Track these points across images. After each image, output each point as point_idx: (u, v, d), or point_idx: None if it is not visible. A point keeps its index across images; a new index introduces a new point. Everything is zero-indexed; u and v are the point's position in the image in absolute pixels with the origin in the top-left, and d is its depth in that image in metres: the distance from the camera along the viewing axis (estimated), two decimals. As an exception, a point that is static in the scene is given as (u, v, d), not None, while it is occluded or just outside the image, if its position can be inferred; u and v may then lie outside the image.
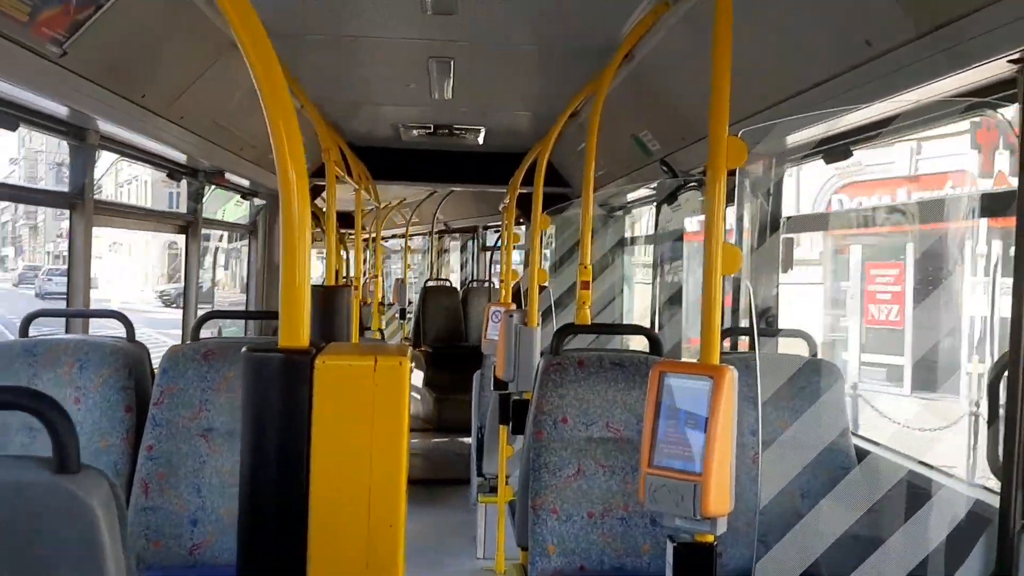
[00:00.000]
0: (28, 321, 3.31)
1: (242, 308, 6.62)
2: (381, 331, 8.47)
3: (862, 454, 3.21)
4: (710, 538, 1.99)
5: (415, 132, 6.42)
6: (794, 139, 3.38)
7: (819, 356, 3.43)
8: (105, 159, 4.24)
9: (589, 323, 3.68)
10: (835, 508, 2.87)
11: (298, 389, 1.33)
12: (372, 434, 1.34)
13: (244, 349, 1.36)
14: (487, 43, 3.95)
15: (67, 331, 3.75)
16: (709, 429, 1.92)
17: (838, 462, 3.15)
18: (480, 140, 6.59)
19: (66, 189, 3.83)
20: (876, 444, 3.30)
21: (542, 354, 3.43)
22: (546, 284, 4.67)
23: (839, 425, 3.16)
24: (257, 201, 6.44)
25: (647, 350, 3.47)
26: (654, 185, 5.46)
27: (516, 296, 6.46)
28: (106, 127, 3.72)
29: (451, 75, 4.55)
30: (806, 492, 3.12)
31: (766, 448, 3.04)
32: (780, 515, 3.02)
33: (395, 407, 1.35)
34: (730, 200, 3.94)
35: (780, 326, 4.08)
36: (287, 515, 1.33)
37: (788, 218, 4.01)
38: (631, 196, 6.32)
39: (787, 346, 3.65)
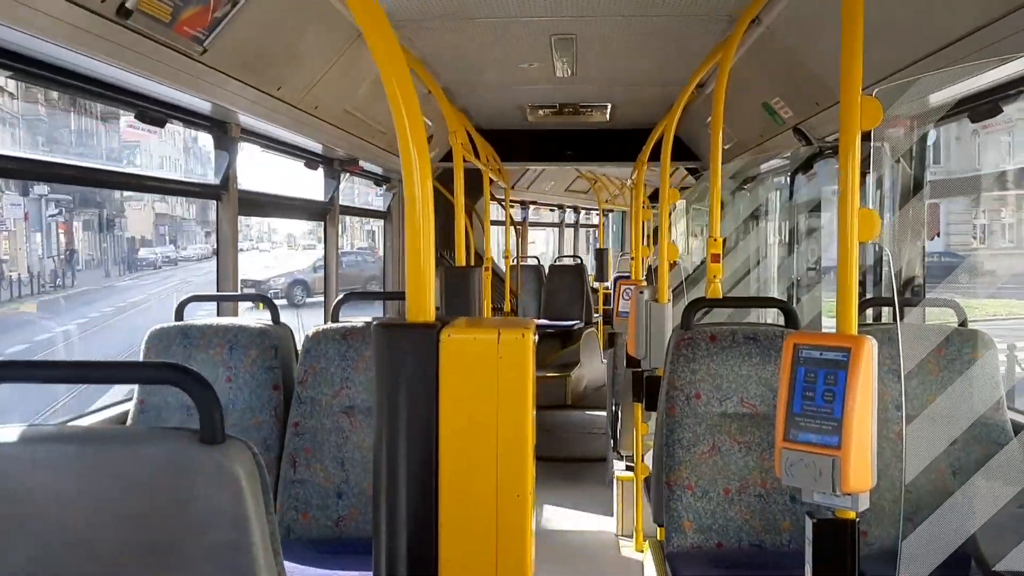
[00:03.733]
0: (183, 305, 3.51)
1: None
2: (513, 310, 8.56)
3: (1019, 428, 3.02)
4: (851, 515, 1.92)
5: (541, 112, 6.42)
6: (937, 98, 3.18)
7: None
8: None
9: (720, 296, 3.60)
10: (989, 485, 2.71)
11: (425, 362, 1.36)
12: (498, 405, 1.36)
13: (374, 323, 1.41)
14: (608, 17, 3.90)
15: (218, 314, 3.97)
16: (847, 402, 1.85)
17: (992, 437, 2.97)
18: (607, 116, 6.53)
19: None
20: None
21: (674, 329, 3.38)
22: (677, 260, 4.59)
23: (992, 398, 2.98)
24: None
25: (783, 324, 3.37)
26: (788, 154, 5.28)
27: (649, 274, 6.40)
28: (246, 120, 3.90)
29: (574, 52, 4.52)
30: (957, 469, 2.96)
31: (911, 422, 2.90)
32: (929, 492, 2.88)
33: (519, 379, 1.37)
34: (868, 165, 3.77)
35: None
36: (418, 484, 1.37)
37: (931, 182, 3.79)
38: (764, 167, 6.13)
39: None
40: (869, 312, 3.80)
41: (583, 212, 14.96)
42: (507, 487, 1.37)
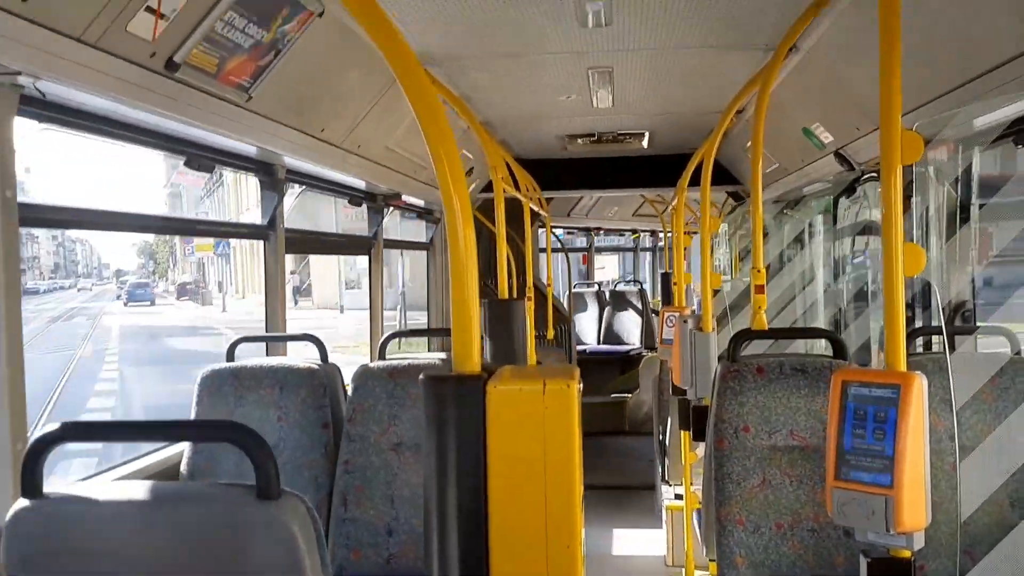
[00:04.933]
0: (234, 347, 3.57)
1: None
2: (558, 336, 8.55)
3: None
4: (907, 553, 1.89)
5: (580, 141, 6.46)
6: (982, 121, 3.15)
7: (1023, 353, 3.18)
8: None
9: (766, 328, 3.57)
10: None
11: (472, 413, 1.38)
12: (545, 456, 1.37)
13: (421, 376, 1.43)
14: (644, 50, 3.92)
15: (267, 353, 4.03)
16: (898, 440, 1.83)
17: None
18: (644, 144, 6.54)
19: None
20: None
21: (719, 359, 3.36)
22: (720, 288, 4.56)
23: None
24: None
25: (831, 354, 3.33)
26: (831, 179, 5.23)
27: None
28: (291, 161, 3.98)
29: (611, 83, 4.55)
30: (1015, 500, 2.89)
31: (966, 454, 2.84)
32: (987, 526, 2.82)
33: (565, 429, 1.38)
34: (911, 190, 3.72)
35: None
36: (469, 535, 1.38)
37: (982, 205, 3.73)
38: (807, 189, 6.08)
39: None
40: (920, 339, 3.74)
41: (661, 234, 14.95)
42: (556, 538, 1.38)
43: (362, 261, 7.24)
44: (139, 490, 1.33)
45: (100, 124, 2.85)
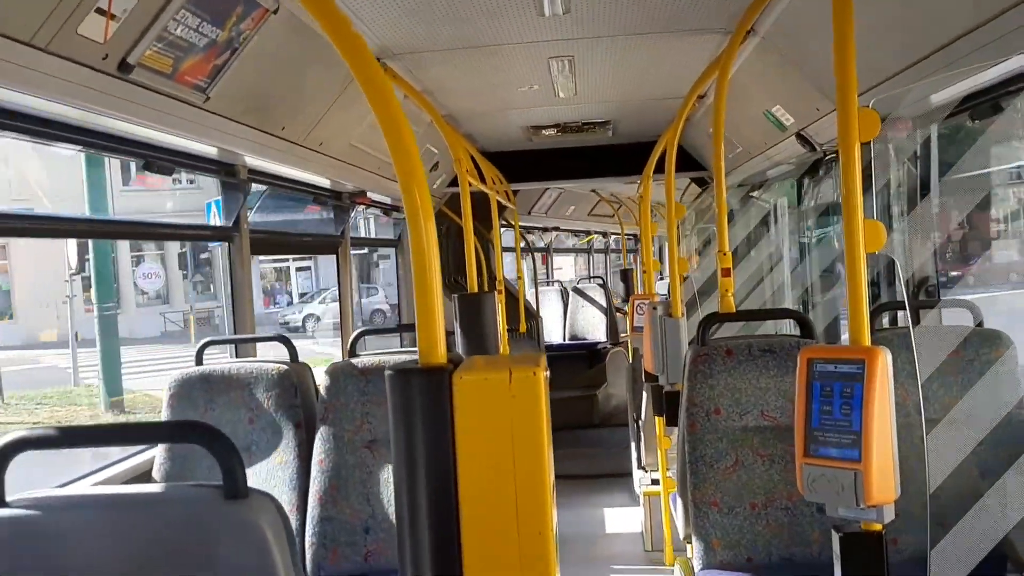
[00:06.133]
0: (202, 350, 3.54)
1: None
2: (529, 331, 8.56)
3: None
4: (878, 527, 1.91)
5: (545, 132, 6.45)
6: (939, 97, 3.18)
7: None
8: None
9: (734, 310, 3.59)
10: (1018, 484, 2.69)
11: (439, 405, 1.37)
12: (513, 444, 1.37)
13: (387, 371, 1.42)
14: (603, 38, 3.92)
15: (236, 355, 4.00)
16: (865, 414, 1.85)
17: (1019, 436, 2.94)
18: (610, 133, 6.55)
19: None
20: None
21: (690, 344, 3.38)
22: (688, 274, 4.58)
23: (1015, 396, 2.96)
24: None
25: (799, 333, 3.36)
26: (794, 161, 5.27)
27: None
28: (252, 161, 3.94)
29: (573, 72, 4.55)
30: (985, 471, 2.93)
31: (933, 427, 2.88)
32: (958, 496, 2.86)
33: (533, 416, 1.38)
34: (871, 169, 3.75)
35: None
36: (440, 525, 1.38)
37: (942, 182, 3.78)
38: (771, 172, 6.13)
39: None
40: (887, 316, 3.78)
41: (612, 236, 15.02)
42: (528, 524, 1.38)
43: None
44: (105, 495, 1.31)
45: (54, 129, 2.80)
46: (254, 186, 4.19)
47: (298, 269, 31.07)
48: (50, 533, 1.28)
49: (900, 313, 3.77)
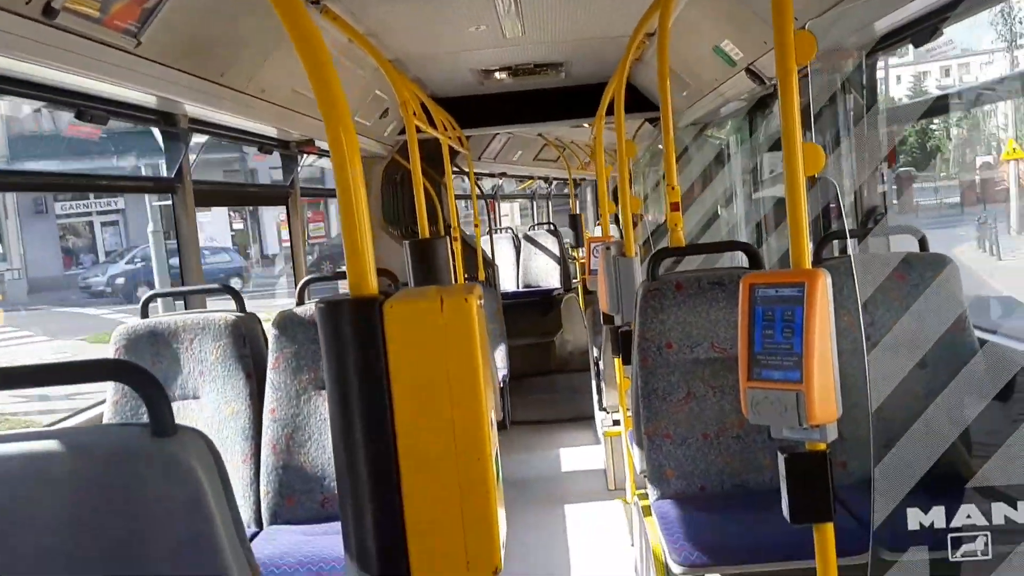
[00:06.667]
0: (147, 303, 3.48)
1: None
2: (488, 279, 8.55)
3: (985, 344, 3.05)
4: (822, 446, 1.94)
5: (496, 76, 6.37)
6: (882, 25, 3.17)
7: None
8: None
9: (683, 244, 3.60)
10: (958, 401, 2.74)
11: (370, 335, 1.35)
12: (447, 371, 1.36)
13: (316, 303, 1.40)
14: (548, -30, 3.85)
15: (185, 308, 3.94)
16: (806, 336, 1.87)
17: (961, 356, 3.00)
18: (562, 75, 6.48)
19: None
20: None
21: (641, 282, 3.39)
22: (639, 211, 4.58)
23: (956, 316, 3.01)
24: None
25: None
26: (745, 97, 5.26)
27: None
28: (193, 110, 3.84)
29: (519, 11, 4.48)
30: (929, 392, 2.99)
31: (882, 352, 2.92)
32: (905, 418, 2.91)
33: (466, 344, 1.36)
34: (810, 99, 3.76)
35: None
36: (377, 456, 1.37)
37: (885, 110, 3.79)
38: (724, 110, 6.12)
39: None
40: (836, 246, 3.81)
41: (555, 182, 14.92)
42: (466, 451, 1.37)
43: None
44: (27, 442, 1.28)
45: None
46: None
47: (104, 223, 25.11)
48: None
49: (850, 244, 3.80)
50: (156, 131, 3.85)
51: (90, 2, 2.63)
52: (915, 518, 2.28)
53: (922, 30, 3.03)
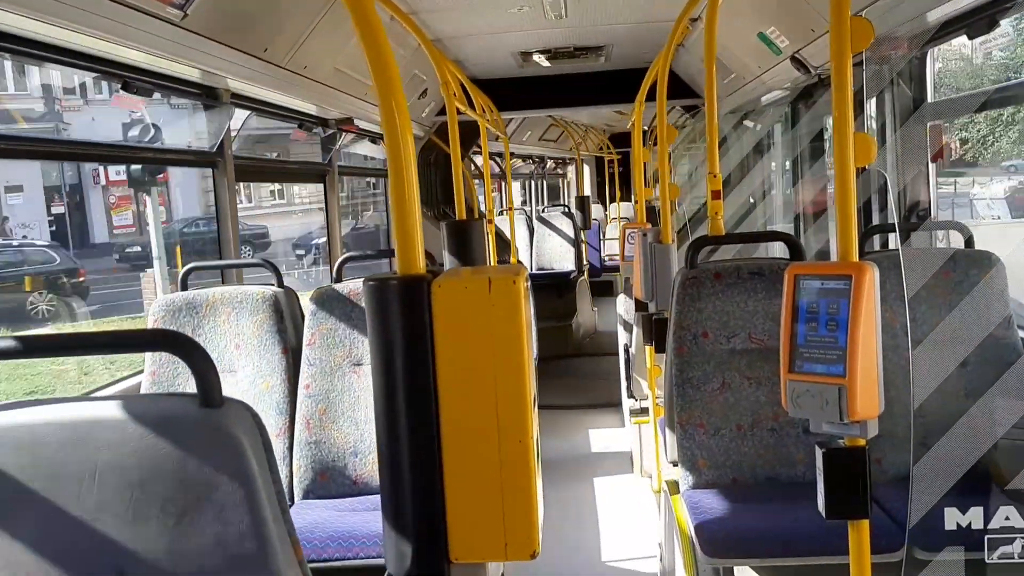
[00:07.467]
0: (187, 275, 3.51)
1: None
2: (519, 261, 8.53)
3: None
4: (861, 442, 1.91)
5: (536, 58, 6.33)
6: (936, 15, 3.10)
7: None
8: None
9: (723, 233, 3.57)
10: (1001, 403, 2.70)
11: (418, 314, 1.35)
12: (493, 352, 1.36)
13: (365, 281, 1.40)
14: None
15: (223, 282, 3.97)
16: (851, 330, 1.83)
17: (1004, 356, 2.95)
18: (602, 59, 6.43)
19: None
20: None
21: (679, 270, 3.36)
22: (678, 198, 4.54)
23: (1002, 316, 2.96)
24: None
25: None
26: (788, 86, 5.19)
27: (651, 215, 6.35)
28: (236, 84, 3.85)
29: (563, -7, 4.45)
30: (971, 391, 2.94)
31: (923, 349, 2.88)
32: (944, 417, 2.87)
33: (513, 325, 1.36)
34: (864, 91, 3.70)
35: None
36: (420, 435, 1.37)
37: (932, 103, 3.71)
38: (764, 99, 6.04)
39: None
40: (877, 240, 3.76)
41: (549, 161, 14.81)
42: (508, 433, 1.37)
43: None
44: (76, 407, 1.30)
45: (31, 48, 2.72)
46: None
47: (8, 188, 19.52)
48: (22, 445, 1.27)
49: (891, 237, 3.75)
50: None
51: (139, -27, 2.64)
52: (952, 518, 2.25)
53: (978, 20, 2.95)
